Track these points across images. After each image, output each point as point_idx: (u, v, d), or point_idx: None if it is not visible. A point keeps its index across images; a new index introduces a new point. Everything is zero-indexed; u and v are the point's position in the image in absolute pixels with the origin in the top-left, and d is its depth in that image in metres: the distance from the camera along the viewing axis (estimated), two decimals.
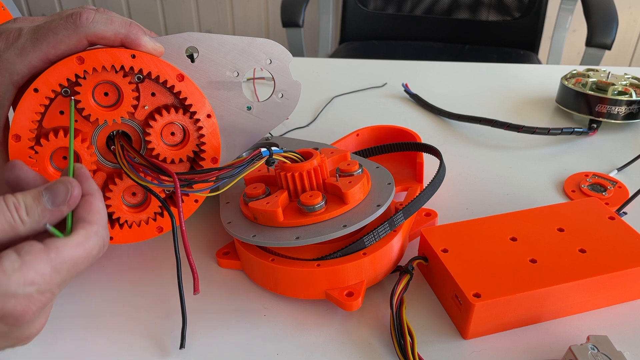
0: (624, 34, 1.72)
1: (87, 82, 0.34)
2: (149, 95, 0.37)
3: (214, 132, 0.39)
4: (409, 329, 0.34)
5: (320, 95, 0.75)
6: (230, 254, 0.42)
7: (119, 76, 0.35)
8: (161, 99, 0.37)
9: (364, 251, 0.37)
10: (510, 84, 0.79)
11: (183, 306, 0.35)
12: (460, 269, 0.36)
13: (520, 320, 0.35)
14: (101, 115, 0.35)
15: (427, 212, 0.44)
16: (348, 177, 0.39)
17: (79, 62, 0.33)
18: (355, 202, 0.38)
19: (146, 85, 0.37)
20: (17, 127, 0.34)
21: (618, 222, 0.40)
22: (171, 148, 0.39)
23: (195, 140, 0.39)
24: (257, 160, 0.36)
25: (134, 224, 0.39)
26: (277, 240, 0.37)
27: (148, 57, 0.35)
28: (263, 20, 1.86)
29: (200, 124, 0.38)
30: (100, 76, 0.34)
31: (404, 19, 1.46)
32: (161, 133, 0.38)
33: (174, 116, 0.37)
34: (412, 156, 0.51)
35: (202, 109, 0.38)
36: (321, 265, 0.36)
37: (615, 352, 0.31)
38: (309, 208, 0.37)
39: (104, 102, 0.36)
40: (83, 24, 0.33)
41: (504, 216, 0.41)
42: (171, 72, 0.36)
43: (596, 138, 0.62)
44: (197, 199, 0.41)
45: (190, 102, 0.37)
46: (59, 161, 0.36)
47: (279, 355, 0.34)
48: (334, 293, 0.36)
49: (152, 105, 0.37)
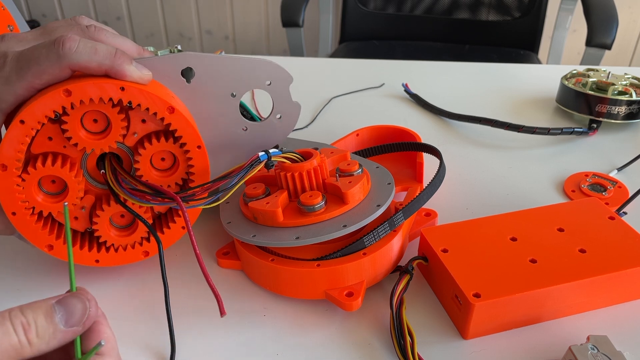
0: (624, 34, 1.72)
1: (75, 112, 0.34)
2: (140, 122, 0.36)
3: (204, 162, 0.37)
4: (409, 329, 0.34)
5: (320, 95, 0.75)
6: (230, 254, 0.42)
7: (108, 106, 0.34)
8: (151, 126, 0.36)
9: (363, 251, 0.37)
10: (510, 84, 0.79)
11: (172, 334, 0.35)
12: (460, 269, 0.36)
13: (520, 320, 0.35)
14: (89, 144, 0.35)
15: (427, 212, 0.44)
16: (348, 177, 0.39)
17: (66, 95, 0.32)
18: (355, 202, 0.38)
19: (136, 112, 0.36)
20: (3, 157, 0.33)
21: (618, 222, 0.40)
22: (161, 174, 0.38)
23: (185, 168, 0.38)
24: (255, 165, 0.36)
25: (120, 248, 0.39)
26: (278, 240, 0.37)
27: (137, 89, 0.34)
28: (263, 20, 1.86)
29: (190, 155, 0.37)
30: (88, 106, 0.34)
31: (404, 19, 1.46)
32: (151, 159, 0.37)
33: (164, 145, 0.36)
34: (412, 156, 0.51)
35: (192, 141, 0.36)
36: (321, 265, 0.36)
37: (615, 352, 0.31)
38: (309, 208, 0.37)
39: (92, 129, 0.35)
40: (66, 54, 0.31)
41: (504, 216, 0.41)
42: (161, 104, 0.35)
43: (596, 138, 0.62)
44: (184, 226, 0.39)
45: (181, 134, 0.36)
46: (48, 185, 0.36)
47: (279, 356, 0.34)
48: (333, 293, 0.36)
49: (142, 132, 0.36)
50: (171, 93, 0.38)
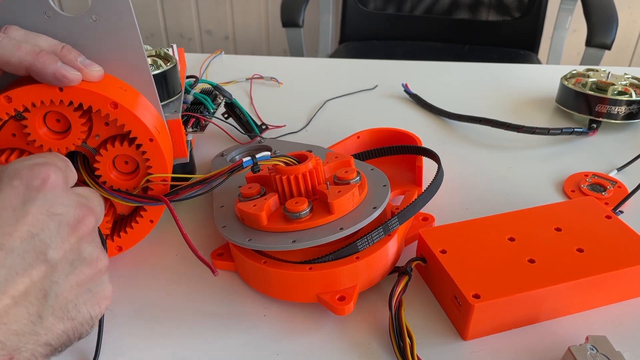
0: (624, 34, 1.72)
1: (36, 111, 0.34)
2: (103, 125, 0.37)
3: (159, 154, 0.37)
4: (408, 331, 0.34)
5: (319, 96, 0.75)
6: (224, 254, 0.42)
7: (64, 107, 0.34)
8: (113, 129, 0.37)
9: (357, 255, 0.36)
10: (510, 84, 0.79)
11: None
12: (459, 269, 0.36)
13: (519, 320, 0.35)
14: (48, 143, 0.35)
15: (424, 216, 0.44)
16: (341, 185, 0.38)
17: (7, 101, 0.33)
18: (342, 213, 0.37)
19: (98, 115, 0.36)
20: None
21: (615, 221, 0.40)
22: (122, 177, 0.39)
23: (146, 169, 0.38)
24: (237, 170, 0.37)
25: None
26: (274, 244, 0.36)
27: (76, 88, 0.34)
28: (263, 20, 1.86)
29: (143, 149, 0.37)
30: (45, 108, 0.34)
31: (404, 19, 1.46)
32: (114, 161, 0.38)
33: (124, 149, 0.37)
34: (412, 159, 0.51)
35: (143, 134, 0.37)
36: (313, 269, 0.36)
37: (614, 352, 0.31)
38: (294, 215, 0.36)
39: (55, 128, 0.36)
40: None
41: (502, 216, 0.41)
42: (103, 100, 0.35)
43: (596, 138, 0.62)
44: (153, 219, 0.40)
45: (129, 129, 0.36)
46: None
47: (278, 356, 0.34)
48: (325, 297, 0.35)
49: (105, 134, 0.37)
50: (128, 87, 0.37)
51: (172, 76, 0.46)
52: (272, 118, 0.67)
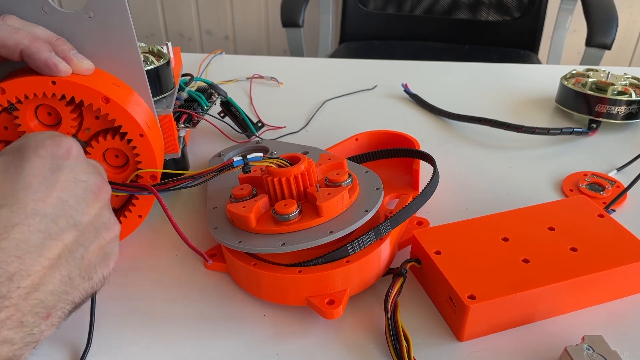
0: (624, 34, 1.72)
1: (28, 103, 0.34)
2: (93, 118, 0.37)
3: (149, 149, 0.38)
4: (405, 333, 0.34)
5: (318, 96, 0.74)
6: (217, 255, 0.41)
7: (55, 101, 0.35)
8: (103, 123, 0.37)
9: (347, 259, 0.36)
10: (510, 84, 0.79)
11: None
12: (453, 270, 0.35)
13: (515, 320, 0.35)
14: None
15: (419, 220, 0.42)
16: (332, 187, 0.38)
17: (1, 93, 0.34)
18: (331, 215, 0.37)
19: (89, 109, 0.36)
20: None
21: (607, 219, 0.40)
22: (114, 170, 0.39)
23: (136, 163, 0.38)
24: (226, 169, 0.37)
25: None
26: (263, 246, 0.36)
27: (69, 82, 0.34)
28: (263, 20, 1.86)
29: (133, 144, 0.37)
30: (37, 100, 0.34)
31: (404, 19, 1.45)
32: (104, 155, 0.38)
33: (114, 142, 0.37)
34: (410, 163, 0.50)
35: (133, 129, 0.37)
36: (303, 272, 0.35)
37: (610, 351, 0.30)
38: (282, 217, 0.36)
39: (46, 121, 0.36)
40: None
41: (495, 216, 0.41)
42: (95, 95, 0.35)
43: (596, 138, 0.61)
44: (141, 214, 0.41)
45: (120, 123, 0.36)
46: None
47: (278, 356, 0.34)
48: (314, 300, 0.35)
49: (95, 128, 0.37)
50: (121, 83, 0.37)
51: (164, 72, 0.47)
52: (272, 118, 0.67)
